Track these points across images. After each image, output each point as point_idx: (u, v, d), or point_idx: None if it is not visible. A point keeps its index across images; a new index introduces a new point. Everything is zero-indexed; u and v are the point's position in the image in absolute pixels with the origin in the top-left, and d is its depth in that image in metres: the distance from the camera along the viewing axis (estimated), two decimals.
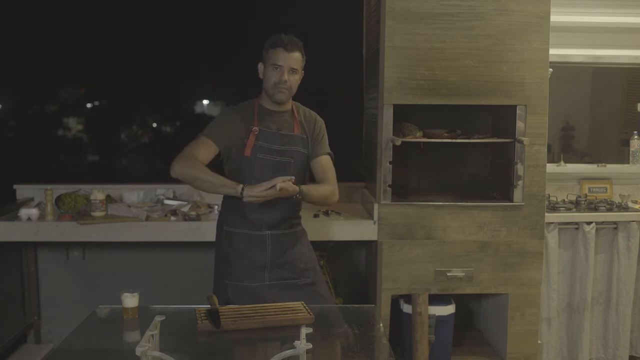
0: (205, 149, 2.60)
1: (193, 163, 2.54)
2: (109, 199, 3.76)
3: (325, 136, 2.78)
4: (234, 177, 2.60)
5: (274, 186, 2.42)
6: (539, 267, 3.52)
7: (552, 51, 3.44)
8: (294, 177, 2.50)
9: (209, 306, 2.28)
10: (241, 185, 2.48)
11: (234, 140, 2.63)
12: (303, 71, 2.69)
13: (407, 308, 3.58)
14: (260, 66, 2.67)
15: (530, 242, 3.50)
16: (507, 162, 3.57)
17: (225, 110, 2.77)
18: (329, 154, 2.76)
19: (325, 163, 2.74)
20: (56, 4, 5.56)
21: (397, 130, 3.55)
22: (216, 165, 2.67)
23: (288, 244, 2.69)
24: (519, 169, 3.47)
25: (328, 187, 2.69)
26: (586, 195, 4.05)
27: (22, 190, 4.08)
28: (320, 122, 2.79)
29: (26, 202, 3.89)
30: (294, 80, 2.64)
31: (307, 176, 2.77)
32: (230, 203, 2.67)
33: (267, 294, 2.61)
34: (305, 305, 2.36)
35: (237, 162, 2.63)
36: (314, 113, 2.80)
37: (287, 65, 2.60)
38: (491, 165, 3.91)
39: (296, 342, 1.80)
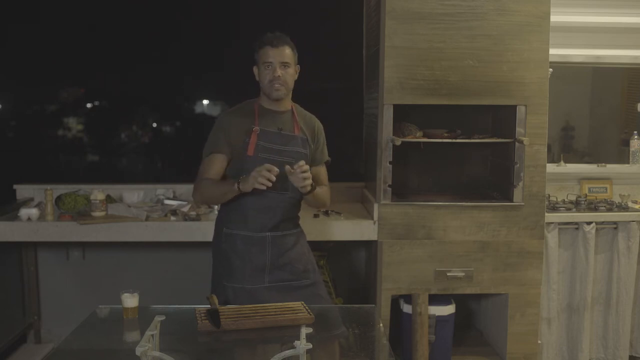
0: (215, 165, 2.63)
1: (202, 184, 2.60)
2: (109, 199, 3.76)
3: (325, 142, 2.81)
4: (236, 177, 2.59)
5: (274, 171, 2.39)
6: (539, 267, 3.52)
7: (552, 51, 3.44)
8: (304, 162, 2.49)
9: (209, 306, 2.28)
10: (236, 184, 2.48)
11: (236, 142, 2.62)
12: (298, 66, 2.68)
13: (407, 308, 3.58)
14: (255, 69, 2.68)
15: (530, 242, 3.50)
16: (507, 162, 3.57)
17: (220, 116, 2.75)
18: (326, 161, 2.81)
19: (323, 172, 2.80)
20: (56, 4, 5.56)
21: (397, 130, 3.55)
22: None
23: (288, 245, 2.69)
24: (519, 169, 3.47)
25: (328, 191, 2.76)
26: (586, 195, 4.05)
27: (22, 190, 4.08)
28: (320, 127, 2.79)
29: (26, 202, 3.88)
30: (288, 74, 2.62)
31: None
32: (230, 205, 2.65)
33: (266, 296, 2.60)
34: (305, 305, 2.36)
35: (239, 162, 2.62)
36: (313, 117, 2.79)
37: (278, 61, 2.59)
38: (491, 165, 3.91)
39: (296, 342, 1.80)
